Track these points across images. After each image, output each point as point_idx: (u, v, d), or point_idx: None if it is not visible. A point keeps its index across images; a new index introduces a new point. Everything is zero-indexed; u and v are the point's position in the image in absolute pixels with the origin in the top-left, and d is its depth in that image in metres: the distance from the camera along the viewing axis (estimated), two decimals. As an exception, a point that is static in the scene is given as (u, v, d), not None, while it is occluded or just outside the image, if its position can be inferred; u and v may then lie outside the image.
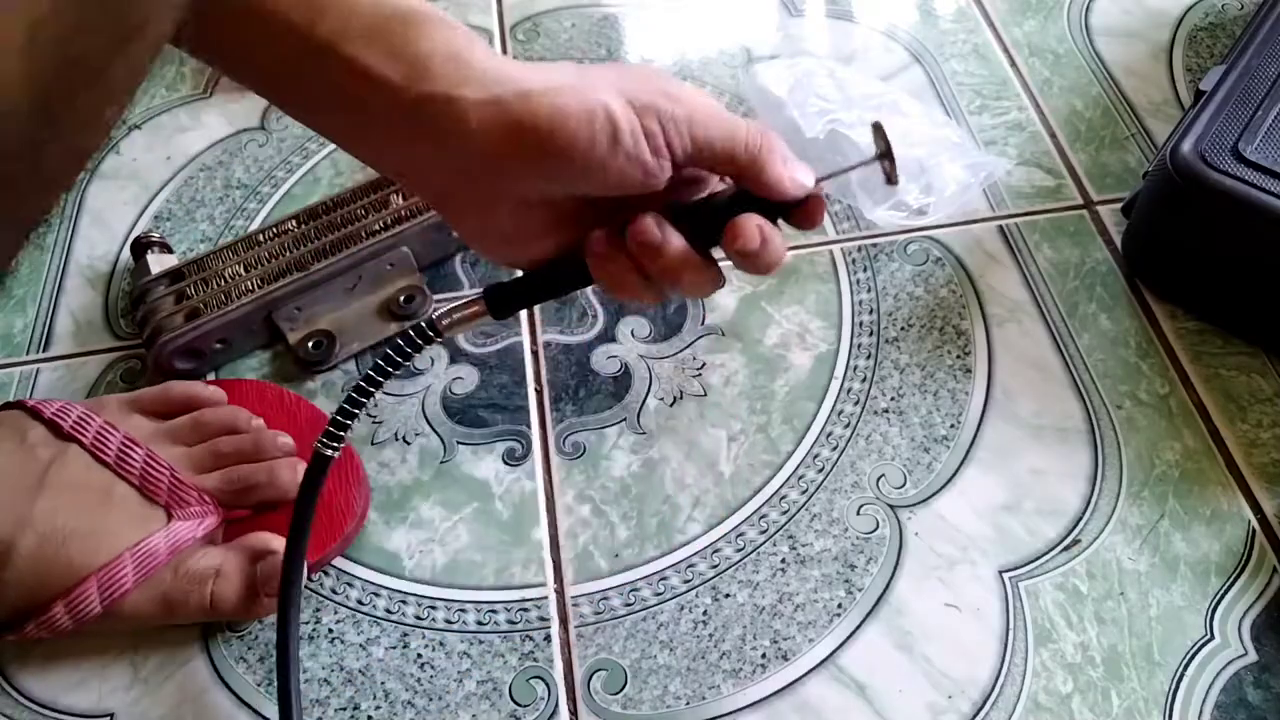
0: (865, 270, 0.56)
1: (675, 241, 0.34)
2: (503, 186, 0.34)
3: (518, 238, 0.36)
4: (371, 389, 0.38)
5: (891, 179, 0.36)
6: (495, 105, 0.32)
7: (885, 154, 0.36)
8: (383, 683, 0.43)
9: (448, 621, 0.45)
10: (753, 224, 0.34)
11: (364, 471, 0.49)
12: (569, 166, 0.33)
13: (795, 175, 0.35)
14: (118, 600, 0.41)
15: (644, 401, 0.52)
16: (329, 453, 0.39)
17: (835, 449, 0.50)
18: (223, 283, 0.53)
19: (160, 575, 0.42)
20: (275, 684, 0.42)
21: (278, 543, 0.44)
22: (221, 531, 0.45)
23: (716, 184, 0.38)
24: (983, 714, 0.42)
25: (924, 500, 0.48)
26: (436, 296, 0.56)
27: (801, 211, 0.36)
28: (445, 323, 0.37)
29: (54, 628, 0.41)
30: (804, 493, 0.48)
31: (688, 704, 0.43)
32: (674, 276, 0.35)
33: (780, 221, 0.36)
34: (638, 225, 0.34)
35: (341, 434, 0.39)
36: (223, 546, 0.44)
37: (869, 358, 0.53)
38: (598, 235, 0.35)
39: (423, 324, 0.37)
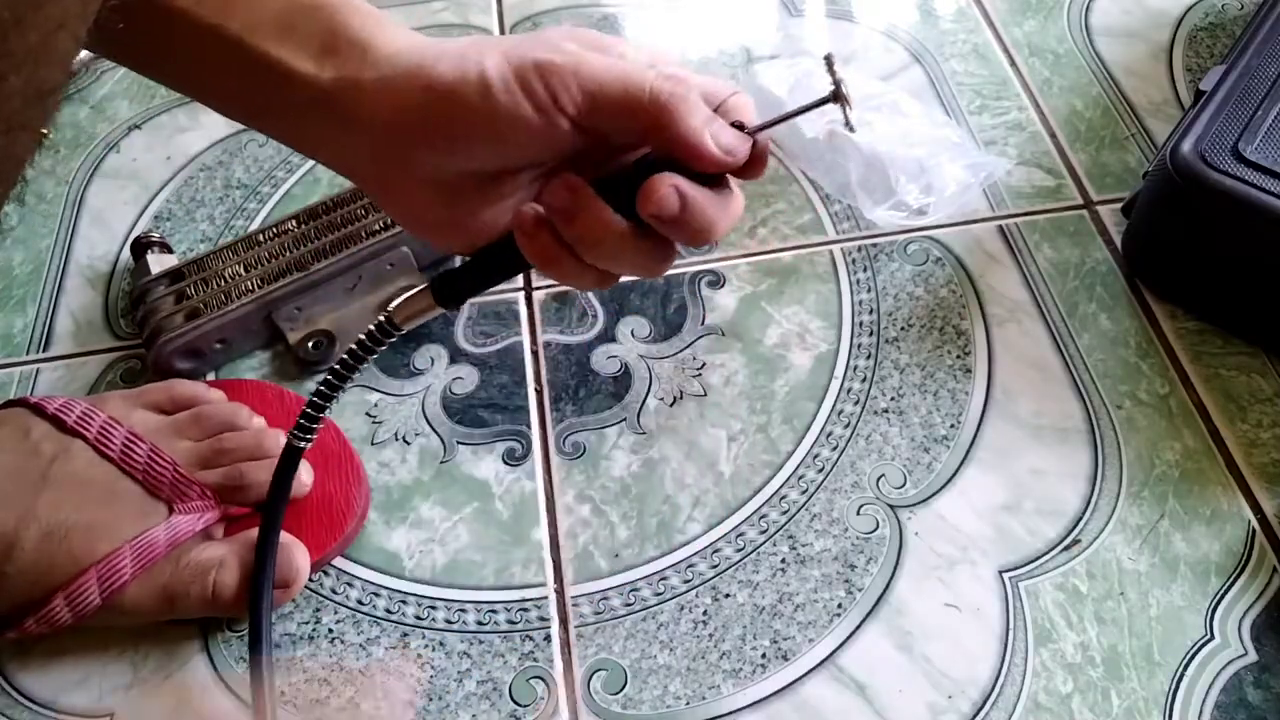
0: (865, 270, 0.56)
1: (592, 207, 0.31)
2: (413, 167, 0.33)
3: (452, 221, 0.34)
4: (337, 389, 0.39)
5: (849, 123, 0.31)
6: (386, 86, 0.32)
7: (838, 94, 0.31)
8: (383, 683, 0.43)
9: (448, 621, 0.45)
10: (665, 184, 0.30)
11: (364, 471, 0.49)
12: (454, 136, 0.31)
13: (721, 136, 0.30)
14: (117, 592, 0.41)
15: (644, 401, 0.52)
16: (300, 445, 0.41)
17: (835, 449, 0.50)
18: (223, 283, 0.53)
19: (161, 568, 0.42)
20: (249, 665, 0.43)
21: (282, 536, 0.44)
22: (222, 528, 0.45)
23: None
24: (983, 714, 0.42)
25: (924, 500, 0.48)
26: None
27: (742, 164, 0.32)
28: (400, 317, 0.36)
29: (53, 621, 0.41)
30: (804, 493, 0.48)
31: (688, 704, 0.43)
32: (596, 247, 0.32)
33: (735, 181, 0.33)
34: (548, 189, 0.32)
35: (312, 429, 0.40)
36: (225, 540, 0.45)
37: (869, 358, 0.53)
38: (525, 210, 0.33)
39: (381, 320, 0.36)
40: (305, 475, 0.47)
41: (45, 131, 0.64)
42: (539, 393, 0.52)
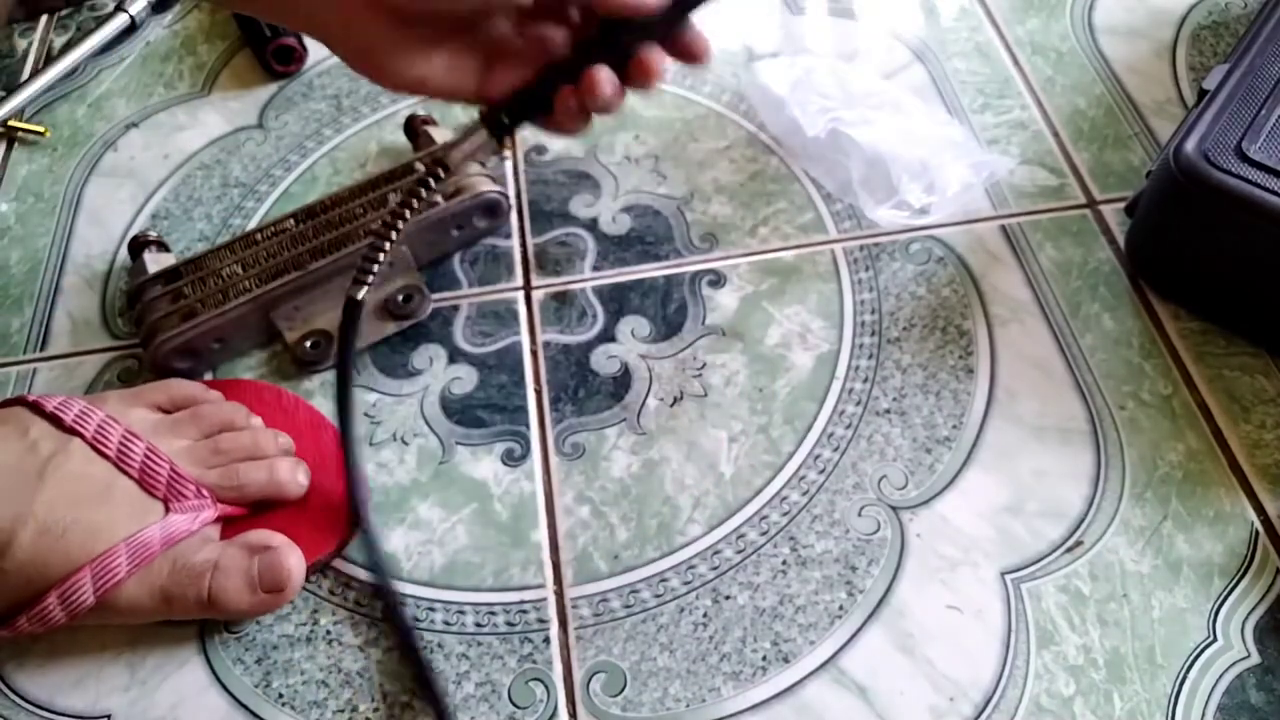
0: (867, 270, 0.56)
1: (615, 85, 0.40)
2: None
3: (405, 54, 0.39)
4: (393, 232, 0.43)
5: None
6: None
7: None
8: (381, 684, 0.43)
9: (446, 623, 0.45)
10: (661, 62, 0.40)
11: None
12: None
13: None
14: (111, 590, 0.41)
15: (644, 402, 0.51)
16: (358, 296, 0.45)
17: (837, 449, 0.49)
18: (220, 282, 0.52)
19: (157, 568, 0.42)
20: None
21: (276, 539, 0.44)
22: (219, 529, 0.45)
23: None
24: (984, 716, 0.42)
25: (926, 501, 0.48)
26: (435, 295, 0.55)
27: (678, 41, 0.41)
28: (455, 156, 0.41)
29: (46, 620, 0.41)
30: (805, 494, 0.48)
31: (688, 706, 0.42)
32: (608, 109, 0.40)
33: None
34: (592, 78, 0.39)
35: (368, 278, 0.44)
36: (221, 541, 0.44)
37: (871, 358, 0.53)
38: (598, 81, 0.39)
39: (433, 162, 0.42)
40: (302, 476, 0.46)
41: (44, 130, 0.64)
42: (538, 393, 0.52)
